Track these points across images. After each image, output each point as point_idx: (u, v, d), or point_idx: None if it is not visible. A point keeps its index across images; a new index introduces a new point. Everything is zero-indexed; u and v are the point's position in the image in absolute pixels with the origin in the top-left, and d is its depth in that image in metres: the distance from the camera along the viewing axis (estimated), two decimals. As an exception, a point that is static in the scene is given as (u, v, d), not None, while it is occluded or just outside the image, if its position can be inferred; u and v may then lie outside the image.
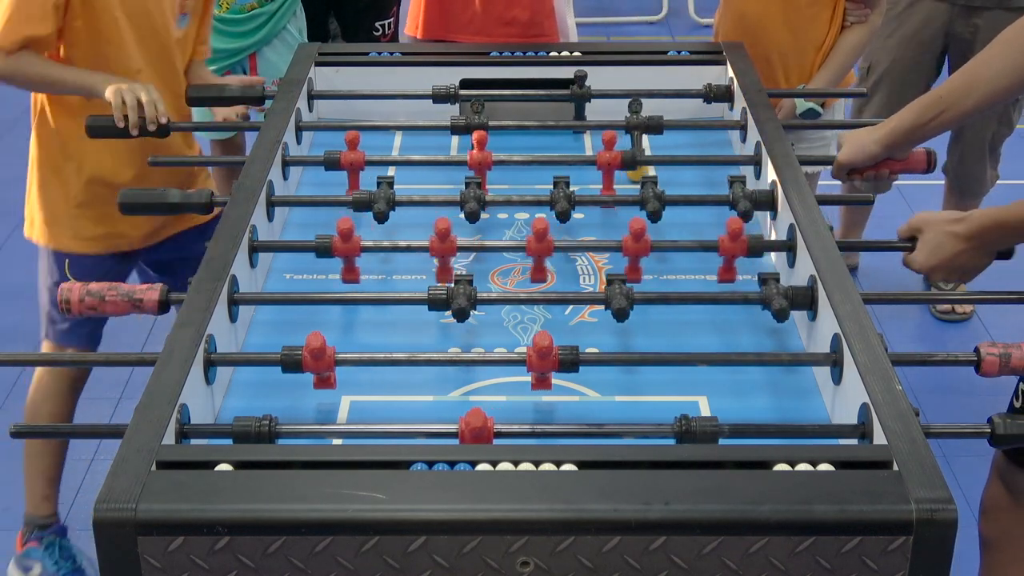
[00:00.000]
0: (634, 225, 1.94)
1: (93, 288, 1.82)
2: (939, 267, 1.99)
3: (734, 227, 1.96)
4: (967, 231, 1.95)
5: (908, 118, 2.16)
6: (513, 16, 3.18)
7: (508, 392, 1.79)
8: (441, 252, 1.96)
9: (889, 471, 1.42)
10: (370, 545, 1.35)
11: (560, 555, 1.35)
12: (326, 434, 1.66)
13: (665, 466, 1.43)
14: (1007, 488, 2.26)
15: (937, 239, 1.97)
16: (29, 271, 3.56)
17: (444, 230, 1.93)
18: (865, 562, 1.35)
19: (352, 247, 1.95)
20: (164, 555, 1.35)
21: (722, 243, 1.97)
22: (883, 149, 2.21)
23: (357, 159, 2.26)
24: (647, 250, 1.96)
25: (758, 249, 1.98)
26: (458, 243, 1.97)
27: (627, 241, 1.96)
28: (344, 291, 2.01)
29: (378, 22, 3.67)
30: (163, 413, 1.52)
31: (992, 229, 1.94)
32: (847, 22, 3.01)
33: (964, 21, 3.62)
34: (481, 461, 1.44)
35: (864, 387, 1.58)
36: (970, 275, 2.01)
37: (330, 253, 1.96)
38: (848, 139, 2.25)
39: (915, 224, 2.02)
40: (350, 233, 1.94)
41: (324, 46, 2.88)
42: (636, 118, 2.47)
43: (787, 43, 3.00)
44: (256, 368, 1.80)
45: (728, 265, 1.99)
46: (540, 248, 1.97)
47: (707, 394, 1.78)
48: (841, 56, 3.01)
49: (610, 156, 2.27)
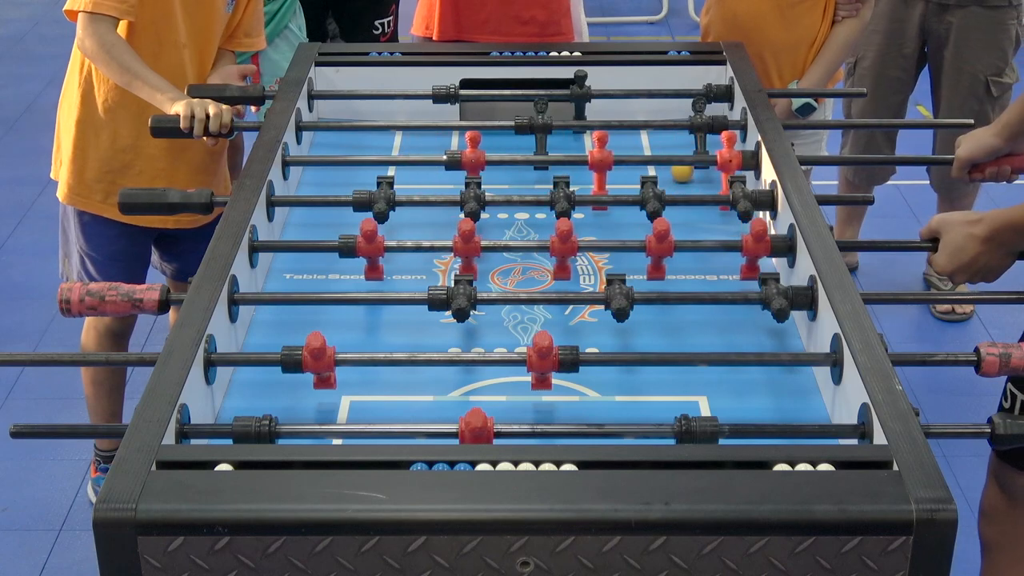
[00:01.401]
0: (658, 226, 1.95)
1: (93, 288, 1.82)
2: (961, 269, 1.97)
3: (758, 228, 1.97)
4: (984, 232, 1.93)
5: (1021, 108, 2.15)
6: (531, 16, 3.19)
7: (508, 392, 1.79)
8: (465, 252, 1.97)
9: (889, 471, 1.42)
10: (370, 545, 1.35)
11: (560, 555, 1.35)
12: (326, 434, 1.66)
13: (665, 466, 1.43)
14: (1002, 489, 2.26)
15: (957, 241, 1.96)
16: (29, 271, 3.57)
17: (468, 231, 1.95)
18: (865, 562, 1.35)
19: (376, 248, 1.96)
20: (164, 555, 1.35)
21: (746, 243, 1.98)
22: (1002, 141, 2.19)
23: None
24: (670, 250, 1.96)
25: (782, 250, 1.99)
26: (482, 243, 1.98)
27: (650, 241, 1.96)
28: (344, 291, 2.02)
29: (377, 20, 3.67)
30: (163, 413, 1.52)
31: (1005, 230, 1.92)
32: (838, 16, 3.02)
33: (937, 18, 3.64)
34: (481, 461, 1.44)
35: (864, 387, 1.58)
36: (994, 275, 1.99)
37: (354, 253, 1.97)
38: (966, 137, 2.25)
39: (935, 226, 2.01)
40: (373, 234, 1.95)
41: (324, 46, 2.88)
42: (700, 118, 2.46)
43: (780, 40, 3.00)
44: (256, 368, 1.80)
45: (751, 264, 2.01)
46: (564, 249, 1.98)
47: (707, 394, 1.78)
48: (833, 51, 3.03)
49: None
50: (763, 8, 2.99)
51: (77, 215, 2.76)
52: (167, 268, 2.95)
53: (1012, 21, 3.64)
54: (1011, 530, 2.27)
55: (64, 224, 2.83)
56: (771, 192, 2.16)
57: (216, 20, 2.69)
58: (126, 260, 2.79)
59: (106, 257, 2.77)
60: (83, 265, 2.80)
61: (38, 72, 2.52)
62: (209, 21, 2.68)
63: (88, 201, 2.73)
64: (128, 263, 2.79)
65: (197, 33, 2.67)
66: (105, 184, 2.70)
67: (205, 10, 2.66)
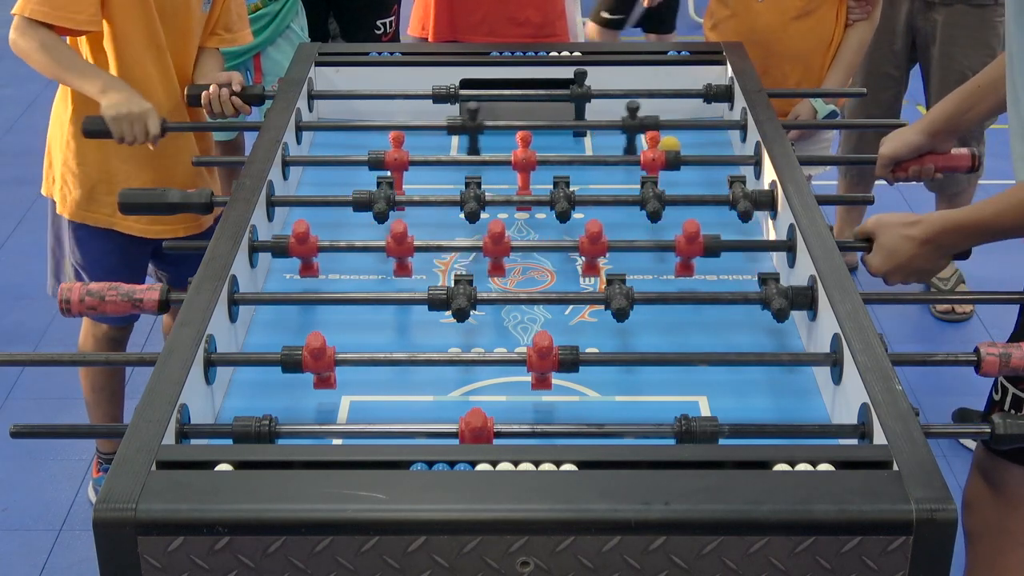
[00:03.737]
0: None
1: (93, 288, 1.82)
2: (894, 271, 1.97)
3: (690, 229, 1.98)
4: (922, 234, 1.93)
5: (948, 106, 2.17)
6: (526, 17, 3.19)
7: (508, 392, 1.79)
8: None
9: (889, 471, 1.42)
10: (370, 545, 1.35)
11: (560, 555, 1.35)
12: (326, 434, 1.66)
13: (665, 466, 1.43)
14: (987, 480, 2.26)
15: (892, 243, 1.95)
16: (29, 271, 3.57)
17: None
18: (865, 562, 1.35)
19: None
20: (164, 555, 1.35)
21: (679, 244, 1.98)
22: (924, 137, 2.20)
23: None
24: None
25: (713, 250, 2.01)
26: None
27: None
28: (344, 291, 2.02)
29: (379, 20, 3.67)
30: (163, 413, 1.52)
31: (948, 232, 1.92)
32: (850, 20, 3.05)
33: (923, 16, 3.65)
34: (481, 461, 1.44)
35: (864, 387, 1.58)
36: (927, 277, 2.00)
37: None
38: (891, 135, 2.26)
39: (870, 227, 2.00)
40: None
41: (324, 46, 2.88)
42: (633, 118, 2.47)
43: (799, 49, 3.03)
44: (256, 368, 1.80)
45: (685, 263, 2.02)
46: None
47: (707, 394, 1.78)
48: (850, 54, 3.07)
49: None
50: (783, 20, 3.01)
51: (72, 228, 2.76)
52: (163, 276, 2.95)
53: (999, 19, 3.65)
54: (995, 520, 2.27)
55: (58, 237, 2.82)
56: (771, 192, 2.16)
57: (194, 20, 2.70)
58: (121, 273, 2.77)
59: (103, 270, 2.76)
60: (78, 278, 2.79)
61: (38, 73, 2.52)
62: (187, 22, 2.68)
63: (84, 213, 2.72)
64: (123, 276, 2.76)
65: (176, 36, 2.67)
66: (104, 196, 2.69)
67: (181, 12, 2.66)
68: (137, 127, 2.47)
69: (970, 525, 2.33)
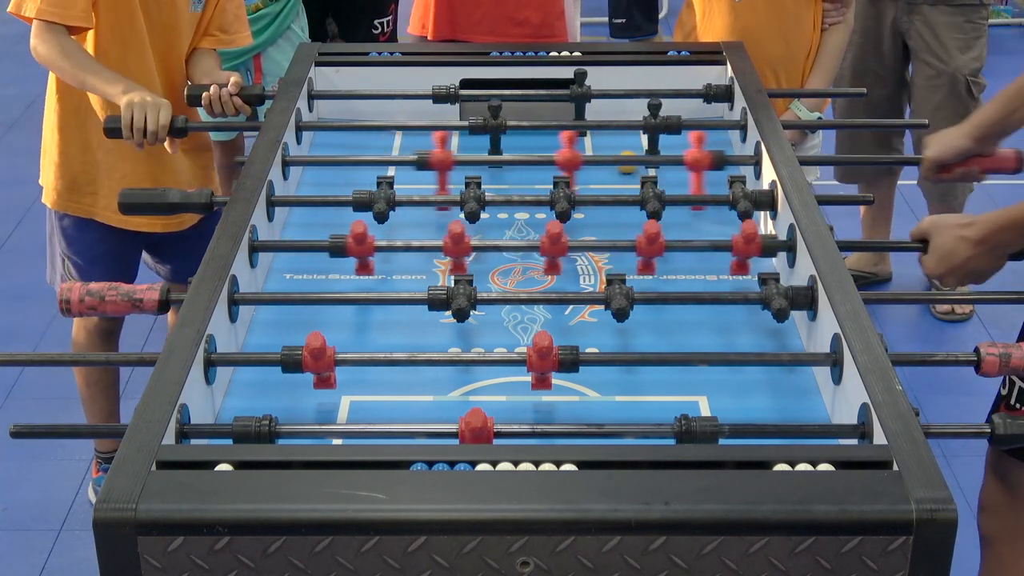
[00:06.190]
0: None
1: (93, 288, 1.82)
2: (951, 272, 1.96)
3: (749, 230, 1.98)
4: (977, 235, 1.92)
5: (993, 109, 2.16)
6: (525, 17, 3.20)
7: (508, 392, 1.79)
8: (456, 253, 1.97)
9: (889, 471, 1.42)
10: (370, 545, 1.35)
11: (560, 555, 1.35)
12: (326, 434, 1.66)
13: (665, 466, 1.43)
14: (1001, 482, 2.26)
15: (948, 244, 1.95)
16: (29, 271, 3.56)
17: (458, 233, 1.95)
18: (865, 562, 1.35)
19: (367, 248, 1.96)
20: (164, 555, 1.35)
21: (736, 244, 1.98)
22: (971, 142, 2.20)
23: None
24: (661, 251, 1.97)
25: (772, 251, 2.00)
26: (473, 243, 1.98)
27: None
28: (344, 291, 2.02)
29: (377, 20, 3.67)
30: (163, 413, 1.52)
31: (1004, 230, 1.92)
32: (825, 24, 3.06)
33: (908, 17, 3.67)
34: (481, 461, 1.44)
35: (864, 387, 1.58)
36: (984, 278, 1.99)
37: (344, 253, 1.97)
38: (934, 138, 2.25)
39: (925, 228, 2.00)
40: (364, 236, 1.95)
41: (324, 46, 2.88)
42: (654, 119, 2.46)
43: (781, 52, 3.03)
44: (256, 368, 1.80)
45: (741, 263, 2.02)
46: (555, 250, 1.98)
47: (707, 394, 1.78)
48: (829, 58, 3.07)
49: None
50: (762, 22, 3.00)
51: (58, 218, 2.76)
52: (161, 270, 2.95)
53: (982, 21, 3.66)
54: (1012, 523, 2.27)
55: (50, 228, 2.83)
56: (771, 192, 2.15)
57: (180, 19, 2.68)
58: (108, 264, 2.77)
59: (87, 261, 2.76)
60: (65, 268, 2.79)
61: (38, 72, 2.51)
62: (173, 21, 2.67)
63: (68, 204, 2.73)
64: (110, 267, 2.77)
65: (162, 35, 2.66)
66: (84, 187, 2.70)
67: (167, 11, 2.65)
68: (150, 113, 2.44)
69: (986, 528, 2.32)
